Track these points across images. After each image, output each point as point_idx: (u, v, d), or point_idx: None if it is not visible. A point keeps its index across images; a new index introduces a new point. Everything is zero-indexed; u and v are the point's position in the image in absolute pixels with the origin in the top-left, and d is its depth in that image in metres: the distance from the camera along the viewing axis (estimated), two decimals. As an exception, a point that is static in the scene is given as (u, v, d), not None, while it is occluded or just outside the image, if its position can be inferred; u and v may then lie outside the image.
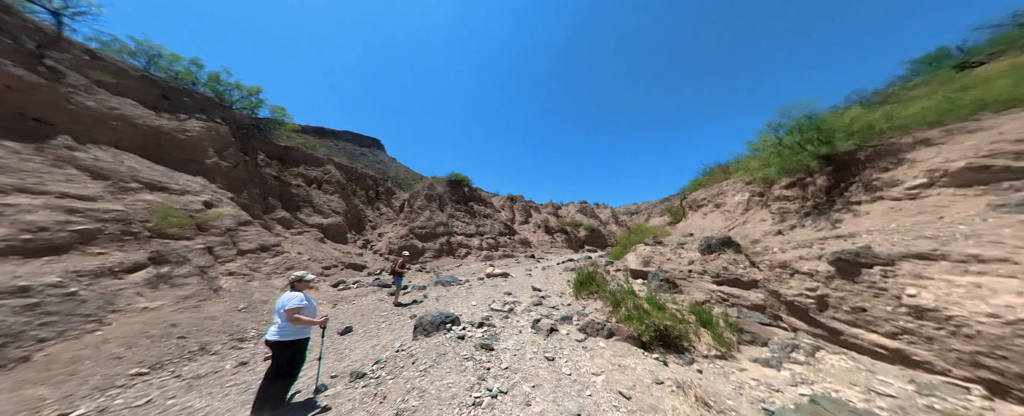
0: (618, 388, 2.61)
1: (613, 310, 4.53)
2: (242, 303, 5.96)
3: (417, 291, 8.38)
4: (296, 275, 2.95)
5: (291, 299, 2.72)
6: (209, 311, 5.26)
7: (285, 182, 13.90)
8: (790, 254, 4.41)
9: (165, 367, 3.76)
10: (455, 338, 3.75)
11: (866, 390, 2.49)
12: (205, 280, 5.86)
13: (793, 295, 4.04)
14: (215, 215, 7.39)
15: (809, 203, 6.42)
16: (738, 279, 5.16)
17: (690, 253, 6.78)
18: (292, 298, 2.73)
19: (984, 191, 3.96)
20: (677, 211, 17.28)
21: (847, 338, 3.42)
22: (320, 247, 11.94)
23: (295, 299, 2.73)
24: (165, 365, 3.81)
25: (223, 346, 4.49)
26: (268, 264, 7.83)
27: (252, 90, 13.56)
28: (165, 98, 10.16)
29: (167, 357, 3.91)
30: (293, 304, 2.69)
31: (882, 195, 4.95)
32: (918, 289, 2.94)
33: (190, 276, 5.65)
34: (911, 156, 5.00)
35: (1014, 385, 2.44)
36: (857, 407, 2.28)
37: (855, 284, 3.43)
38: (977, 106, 4.82)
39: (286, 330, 2.68)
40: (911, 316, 2.95)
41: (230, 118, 12.39)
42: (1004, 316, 2.51)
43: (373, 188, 22.48)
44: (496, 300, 6.07)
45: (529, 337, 3.85)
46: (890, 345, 3.09)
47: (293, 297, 2.74)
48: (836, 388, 2.52)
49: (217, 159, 10.05)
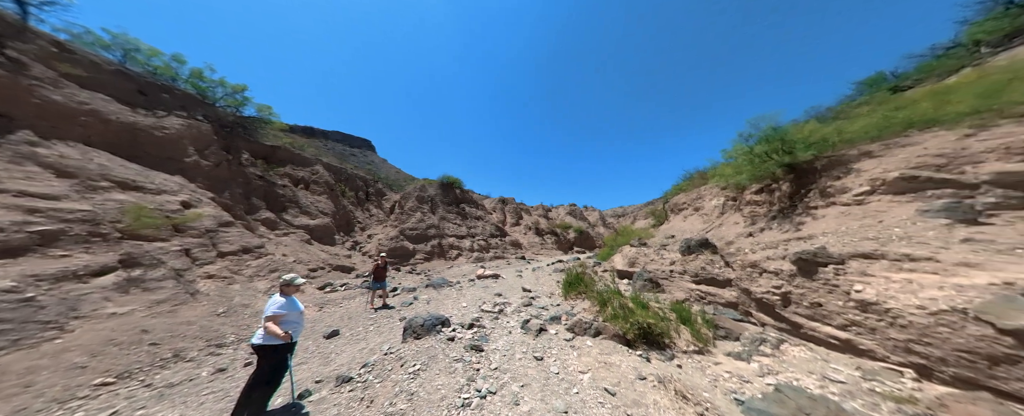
0: (603, 385, 2.63)
1: (600, 310, 4.58)
2: (221, 307, 5.60)
3: (407, 293, 8.17)
4: (286, 278, 2.81)
5: (270, 305, 2.61)
6: (185, 316, 4.89)
7: (270, 182, 13.27)
8: (759, 255, 4.64)
9: (134, 376, 3.46)
10: (445, 340, 3.67)
11: (821, 378, 2.64)
12: (181, 284, 5.47)
13: (762, 292, 4.25)
14: (193, 216, 6.93)
15: (775, 207, 6.79)
16: (714, 278, 5.36)
17: (671, 254, 6.99)
18: (271, 304, 2.62)
19: (914, 198, 4.33)
20: (660, 214, 17.81)
21: (806, 331, 3.62)
22: (306, 249, 11.44)
23: (273, 305, 2.62)
24: (134, 374, 3.51)
25: (200, 352, 4.19)
26: (250, 266, 7.41)
27: (237, 88, 12.91)
28: (142, 94, 9.49)
29: (137, 365, 3.59)
30: (271, 311, 2.58)
31: (834, 201, 5.31)
32: (863, 285, 3.17)
33: (165, 279, 5.25)
34: (857, 166, 5.40)
35: (937, 368, 2.66)
36: (813, 393, 2.41)
37: (813, 282, 3.65)
38: (906, 124, 5.32)
39: (291, 328, 2.59)
40: (858, 310, 3.16)
41: (213, 116, 11.73)
42: (929, 308, 2.74)
43: (363, 189, 21.85)
44: (487, 301, 6.01)
45: (519, 337, 3.83)
46: (841, 336, 3.30)
47: (273, 303, 2.63)
48: (797, 377, 2.66)
49: (197, 158, 9.46)
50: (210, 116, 11.57)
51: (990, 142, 4.32)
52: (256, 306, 6.11)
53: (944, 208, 3.74)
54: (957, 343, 2.56)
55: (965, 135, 4.62)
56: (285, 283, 2.79)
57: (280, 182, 14.01)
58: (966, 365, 2.50)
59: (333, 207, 15.99)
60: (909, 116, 5.38)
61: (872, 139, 5.64)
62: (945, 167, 4.38)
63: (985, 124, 4.63)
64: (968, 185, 4.07)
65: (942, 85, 6.91)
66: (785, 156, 6.03)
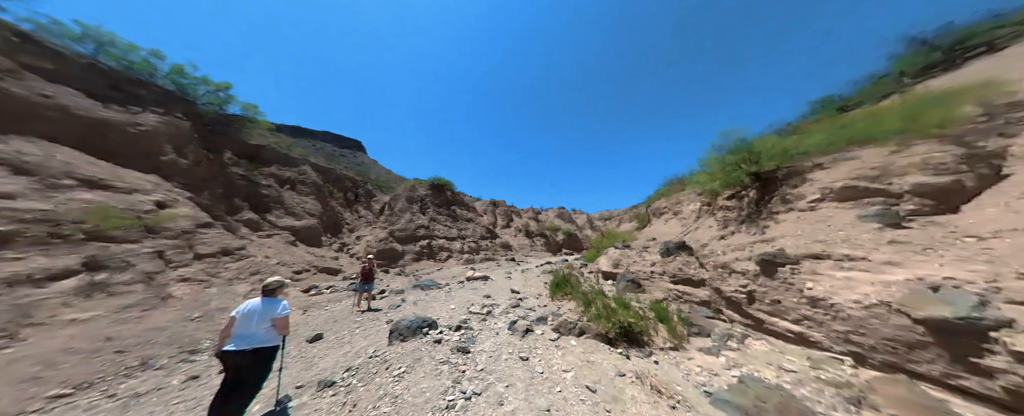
0: (585, 383, 2.65)
1: (585, 310, 4.64)
2: (196, 311, 5.22)
3: (395, 295, 7.94)
4: (275, 280, 2.67)
5: (284, 307, 2.54)
6: (155, 321, 4.53)
7: (254, 182, 12.62)
8: (728, 256, 4.87)
9: (95, 386, 3.16)
10: (432, 342, 3.59)
11: (777, 368, 2.80)
12: (152, 287, 5.06)
13: (731, 291, 4.45)
14: (168, 216, 6.47)
15: (743, 212, 7.16)
16: (690, 278, 5.56)
17: (652, 256, 7.20)
18: (284, 306, 2.55)
19: (854, 205, 4.72)
20: (643, 218, 18.29)
21: (768, 326, 3.83)
22: (291, 250, 10.92)
23: (287, 307, 2.56)
24: (96, 384, 3.20)
25: (171, 360, 3.88)
26: (230, 269, 6.97)
27: (221, 85, 12.25)
28: (115, 89, 8.81)
29: (99, 375, 3.28)
30: (288, 312, 2.54)
31: (793, 207, 5.67)
32: (813, 283, 3.40)
33: (133, 283, 4.85)
34: (811, 176, 5.82)
35: (869, 355, 2.89)
36: (770, 382, 2.55)
37: (773, 280, 3.87)
38: (848, 140, 5.83)
39: (270, 336, 2.43)
40: (809, 305, 3.39)
41: (193, 114, 11.06)
42: (863, 302, 2.98)
43: (352, 190, 21.17)
44: (475, 303, 5.93)
45: (506, 339, 3.81)
46: (795, 329, 3.51)
47: (284, 305, 2.55)
48: (758, 369, 2.80)
49: (175, 156, 8.86)
50: (191, 114, 10.90)
51: (910, 158, 4.79)
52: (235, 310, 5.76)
53: (876, 214, 4.09)
54: (884, 332, 2.78)
55: (892, 151, 5.09)
56: (277, 285, 2.66)
57: (265, 182, 13.35)
58: (890, 352, 2.73)
59: (320, 208, 15.38)
60: (851, 133, 5.89)
61: (822, 152, 6.09)
62: (877, 178, 4.80)
63: (906, 142, 5.14)
64: (894, 194, 4.47)
65: (876, 107, 7.69)
66: (752, 166, 6.39)
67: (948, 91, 6.29)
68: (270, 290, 2.60)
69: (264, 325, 2.37)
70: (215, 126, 12.10)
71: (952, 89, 6.35)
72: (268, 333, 2.38)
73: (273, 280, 2.65)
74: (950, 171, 4.29)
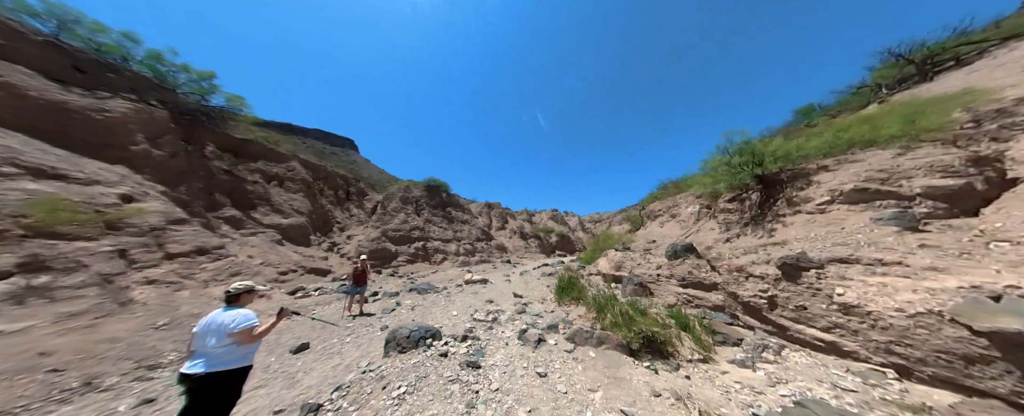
0: (618, 405, 2.25)
1: (597, 316, 4.25)
2: (162, 318, 4.49)
3: (389, 298, 7.32)
4: (238, 286, 2.11)
5: (244, 319, 1.93)
6: (109, 331, 3.81)
7: (239, 177, 11.64)
8: (743, 259, 4.61)
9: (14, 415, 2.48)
10: (437, 356, 3.09)
11: (833, 387, 2.49)
12: (108, 291, 4.31)
13: (748, 296, 4.17)
14: (134, 211, 5.66)
15: (746, 215, 7.00)
16: (701, 282, 5.28)
17: (657, 259, 6.91)
18: (245, 317, 1.94)
19: (866, 207, 4.57)
20: (637, 220, 18.19)
21: (793, 334, 3.55)
22: (277, 250, 10.06)
23: (249, 318, 1.95)
24: (17, 413, 2.52)
25: (123, 378, 3.20)
26: (206, 270, 6.19)
27: (204, 74, 11.26)
28: (79, 71, 7.83)
29: (21, 402, 2.60)
30: (247, 323, 1.92)
31: (800, 209, 5.51)
32: (844, 289, 3.14)
33: (85, 287, 4.09)
34: (816, 178, 5.68)
35: (917, 368, 2.63)
36: (831, 405, 2.22)
37: (797, 285, 3.60)
38: (850, 144, 5.74)
39: (230, 357, 1.86)
40: (840, 312, 3.12)
41: (172, 103, 10.06)
42: (907, 311, 2.72)
43: (343, 188, 20.14)
44: (478, 309, 5.44)
45: (517, 350, 3.35)
46: (825, 338, 3.24)
47: (245, 316, 1.95)
48: (808, 386, 2.49)
49: (148, 146, 7.94)
50: (168, 103, 9.91)
51: (917, 161, 4.69)
52: (209, 316, 5.04)
53: (893, 217, 3.91)
54: (935, 344, 2.52)
55: (898, 154, 5.01)
56: (245, 290, 2.10)
57: (250, 178, 12.36)
58: (944, 365, 2.46)
59: (310, 206, 14.44)
60: (852, 137, 5.82)
61: (824, 155, 5.99)
62: (887, 181, 4.68)
63: (910, 146, 5.07)
64: (906, 197, 4.34)
65: (866, 113, 7.77)
66: (756, 168, 6.23)
67: (937, 97, 6.38)
68: (232, 297, 2.06)
69: (224, 343, 1.83)
70: (196, 117, 11.08)
71: (939, 96, 6.44)
72: (229, 353, 1.84)
73: (236, 286, 2.09)
74: (960, 174, 4.19)
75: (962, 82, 7.61)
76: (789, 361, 2.95)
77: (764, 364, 2.88)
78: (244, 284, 2.12)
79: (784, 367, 2.84)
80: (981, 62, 9.06)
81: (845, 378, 2.61)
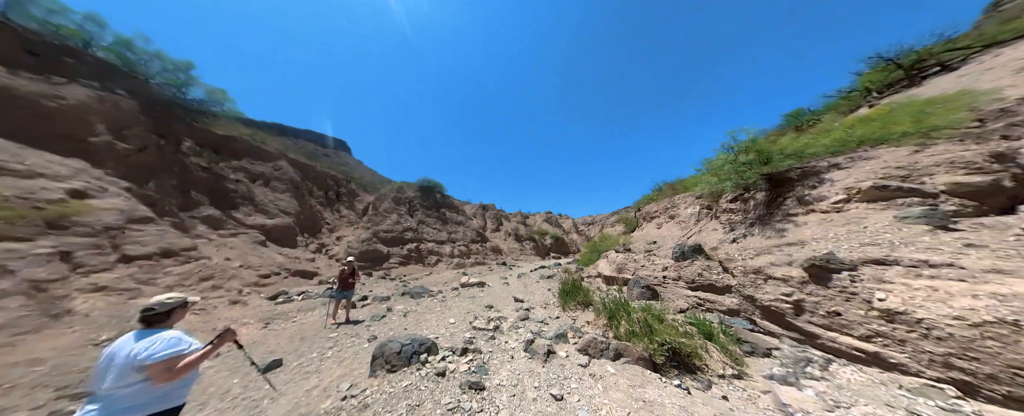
0: (659, 442, 1.79)
1: (609, 324, 3.80)
2: (107, 332, 3.80)
3: (379, 303, 6.70)
4: (169, 299, 1.52)
5: (166, 345, 1.34)
6: (31, 351, 3.12)
7: (219, 175, 10.76)
8: (761, 260, 4.27)
9: None
10: (433, 376, 2.57)
11: (908, 413, 2.09)
12: (39, 301, 3.60)
13: (769, 300, 3.81)
14: (82, 208, 4.90)
15: (751, 215, 6.72)
16: (712, 284, 4.92)
17: (662, 260, 6.55)
18: (166, 343, 1.35)
19: (886, 206, 4.30)
20: (631, 222, 17.96)
21: (824, 342, 3.20)
22: (259, 251, 9.27)
23: (172, 344, 1.36)
24: None
25: (38, 411, 2.55)
26: (170, 274, 5.46)
27: (181, 64, 10.40)
28: (31, 54, 6.96)
29: None
30: (166, 352, 1.32)
31: (813, 208, 5.23)
32: (885, 293, 2.81)
33: (5, 297, 3.38)
34: (828, 176, 5.43)
35: (984, 385, 2.28)
36: None
37: (828, 289, 3.26)
38: (859, 141, 5.53)
39: (140, 400, 1.28)
40: (883, 320, 2.78)
41: (142, 93, 9.18)
42: (969, 319, 2.38)
43: (334, 188, 19.24)
44: (478, 315, 4.92)
45: (524, 364, 2.86)
46: (867, 348, 2.88)
47: (167, 341, 1.36)
48: (876, 412, 2.10)
49: (111, 138, 7.11)
50: (139, 93, 9.03)
51: (935, 157, 4.47)
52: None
53: (922, 215, 3.64)
54: (1009, 359, 2.17)
55: (914, 151, 4.78)
56: (171, 306, 1.51)
57: (232, 176, 11.48)
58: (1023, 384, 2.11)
59: (297, 206, 13.58)
60: (862, 134, 5.61)
61: (833, 153, 5.77)
62: (907, 178, 4.43)
63: (924, 143, 4.85)
64: (929, 194, 4.09)
65: (863, 115, 7.67)
66: (764, 166, 5.96)
67: (936, 98, 6.27)
68: (150, 317, 1.45)
69: (128, 381, 1.27)
70: (170, 110, 10.19)
71: (937, 97, 6.34)
72: (139, 394, 1.28)
73: (161, 300, 1.49)
74: (985, 170, 3.96)
75: (953, 85, 7.60)
76: (840, 378, 2.56)
77: (810, 381, 2.48)
78: (172, 297, 1.54)
79: (836, 386, 2.45)
80: (967, 67, 9.15)
81: (916, 401, 2.22)
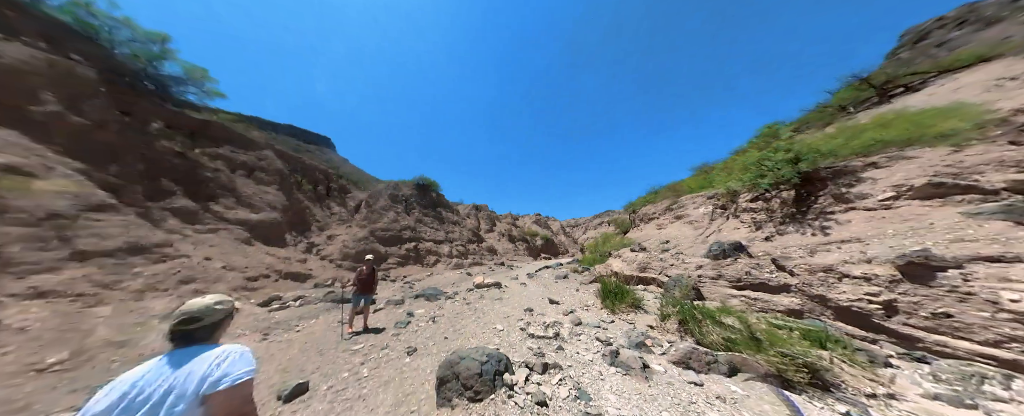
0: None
1: (686, 329, 3.37)
2: (56, 352, 2.82)
3: (395, 307, 5.89)
4: (202, 306, 0.91)
5: (243, 364, 0.79)
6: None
7: (195, 162, 9.36)
8: (829, 258, 4.04)
9: None
10: (532, 405, 1.96)
11: None
12: (-50, 312, 2.57)
13: (849, 300, 3.56)
14: (15, 186, 3.78)
15: (779, 213, 6.65)
16: (764, 283, 4.67)
17: (694, 258, 6.30)
18: (234, 356, 0.80)
19: (944, 202, 4.24)
20: (625, 223, 17.97)
21: (930, 345, 2.95)
22: (243, 250, 8.06)
23: (240, 356, 0.82)
24: None
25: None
26: (140, 275, 4.39)
27: (153, 35, 8.97)
28: (-45, 0, 5.53)
29: None
30: (246, 374, 0.79)
31: (854, 206, 5.17)
32: (1019, 295, 2.58)
33: None
34: (867, 175, 5.40)
35: None
36: None
37: (929, 288, 3.02)
38: (885, 143, 5.57)
39: None
40: (1017, 322, 2.54)
41: (104, 62, 7.75)
42: None
43: (323, 183, 17.74)
44: (519, 319, 4.32)
45: (623, 382, 2.34)
46: (999, 355, 2.56)
47: (233, 353, 0.81)
48: None
49: (62, 109, 5.79)
50: (98, 60, 7.60)
51: (979, 157, 4.50)
52: (144, 342, 3.37)
53: (999, 211, 3.54)
54: None
55: (952, 151, 4.82)
56: (222, 314, 0.94)
57: (211, 164, 10.05)
58: None
59: (285, 200, 12.23)
60: (895, 136, 5.66)
61: (865, 153, 5.79)
62: (958, 176, 4.42)
63: (959, 144, 4.92)
64: (990, 191, 4.05)
65: (877, 119, 7.92)
66: (801, 164, 5.89)
67: (931, 110, 6.50)
68: (192, 331, 0.88)
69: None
70: (137, 84, 8.73)
71: (931, 109, 6.58)
72: None
73: (202, 306, 0.91)
74: (1036, 170, 3.99)
75: (923, 102, 8.03)
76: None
77: (994, 404, 2.11)
78: (221, 302, 0.92)
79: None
80: (930, 88, 9.76)
81: None
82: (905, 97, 10.04)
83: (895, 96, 11.04)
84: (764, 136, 11.51)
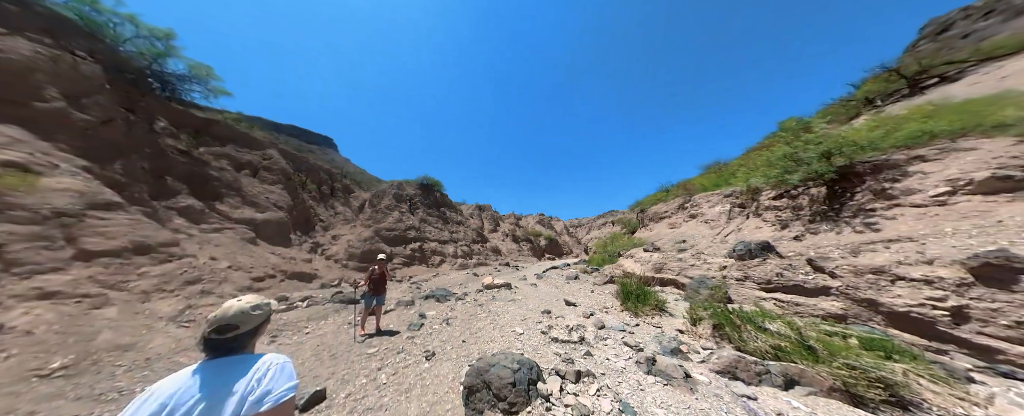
0: None
1: (721, 334, 3.15)
2: (60, 357, 2.71)
3: (405, 309, 5.76)
4: (238, 311, 0.79)
5: (279, 371, 0.73)
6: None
7: (200, 160, 9.35)
8: (878, 259, 3.75)
9: None
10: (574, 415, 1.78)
11: None
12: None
13: (906, 305, 3.28)
14: (18, 183, 3.71)
15: (807, 211, 6.33)
16: (799, 286, 4.39)
17: (715, 259, 6.04)
18: (275, 368, 0.73)
19: (1012, 197, 3.91)
20: (632, 223, 17.65)
21: (1011, 358, 2.67)
22: (249, 250, 8.01)
23: (280, 368, 0.74)
24: None
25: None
26: (147, 275, 4.31)
27: (159, 32, 8.95)
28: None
29: None
30: (285, 394, 0.70)
31: (900, 202, 4.86)
32: None
33: None
34: (914, 169, 5.06)
35: None
36: None
37: (1013, 293, 2.73)
38: (932, 135, 5.21)
39: None
40: None
41: (109, 58, 7.73)
42: None
43: (327, 183, 17.76)
44: (537, 321, 4.13)
45: (667, 393, 2.14)
46: None
47: (273, 365, 0.74)
48: None
49: (66, 106, 5.75)
50: (104, 57, 7.59)
51: (1050, 149, 4.15)
52: (151, 346, 3.27)
53: None
54: None
55: (1018, 140, 4.46)
56: (261, 316, 0.83)
57: (215, 163, 10.05)
58: None
59: (289, 200, 12.21)
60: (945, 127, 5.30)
61: (907, 147, 5.43)
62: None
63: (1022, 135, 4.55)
64: None
65: (885, 115, 7.51)
66: (838, 158, 5.56)
67: (977, 99, 6.10)
68: (229, 340, 0.76)
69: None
70: (142, 82, 8.72)
71: (978, 99, 6.18)
72: None
73: (239, 310, 0.79)
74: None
75: (966, 92, 7.59)
76: None
77: None
78: (260, 306, 0.85)
79: None
80: (970, 77, 9.25)
81: None
82: (941, 88, 9.52)
83: (927, 87, 10.48)
84: (790, 130, 11.09)
